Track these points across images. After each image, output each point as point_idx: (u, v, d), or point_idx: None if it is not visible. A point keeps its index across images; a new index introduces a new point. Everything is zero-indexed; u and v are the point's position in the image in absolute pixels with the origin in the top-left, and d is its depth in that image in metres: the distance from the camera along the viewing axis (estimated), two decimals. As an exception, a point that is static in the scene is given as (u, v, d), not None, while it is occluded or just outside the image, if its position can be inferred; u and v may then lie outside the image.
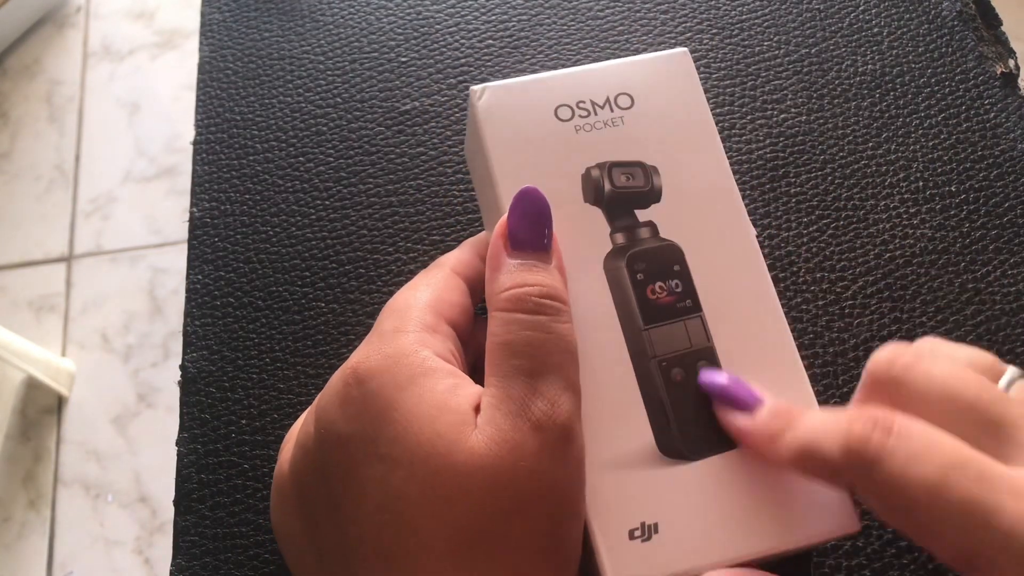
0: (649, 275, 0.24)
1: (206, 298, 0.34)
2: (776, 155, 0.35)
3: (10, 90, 1.26)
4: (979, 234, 0.33)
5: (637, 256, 0.24)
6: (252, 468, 0.30)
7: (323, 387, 0.31)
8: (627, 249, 0.24)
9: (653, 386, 0.23)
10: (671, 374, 0.23)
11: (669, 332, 0.24)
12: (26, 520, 1.00)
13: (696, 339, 0.24)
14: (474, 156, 0.27)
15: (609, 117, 0.26)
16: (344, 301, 0.33)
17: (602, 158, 0.25)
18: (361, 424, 0.21)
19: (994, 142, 0.35)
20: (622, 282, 0.24)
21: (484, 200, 0.27)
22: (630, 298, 0.24)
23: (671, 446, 0.23)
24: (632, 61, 0.27)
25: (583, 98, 0.26)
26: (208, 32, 0.40)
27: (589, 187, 0.25)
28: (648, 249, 0.24)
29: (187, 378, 0.32)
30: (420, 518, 0.19)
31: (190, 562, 0.29)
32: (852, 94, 0.36)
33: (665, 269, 0.24)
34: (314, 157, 0.36)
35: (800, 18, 0.38)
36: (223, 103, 0.38)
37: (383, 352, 0.22)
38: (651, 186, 0.25)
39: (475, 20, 0.39)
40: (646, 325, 0.24)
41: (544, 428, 0.20)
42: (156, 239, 1.14)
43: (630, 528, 0.22)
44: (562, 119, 0.26)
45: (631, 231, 0.25)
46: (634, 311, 0.24)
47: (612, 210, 0.25)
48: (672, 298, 0.24)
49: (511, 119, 0.26)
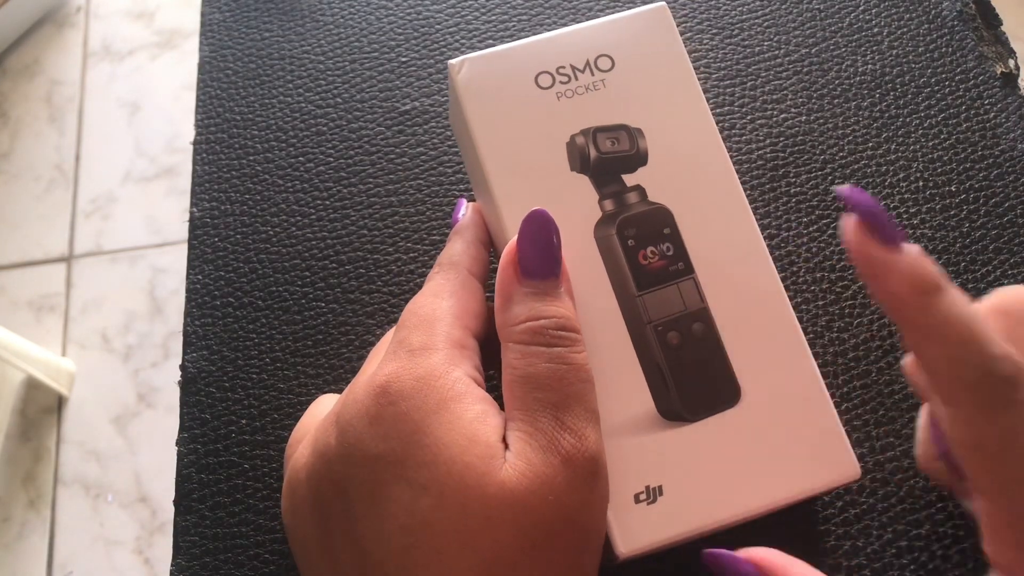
0: (640, 240, 0.24)
1: (206, 298, 0.34)
2: (776, 155, 0.35)
3: (10, 90, 1.26)
4: (979, 234, 0.33)
5: (627, 222, 0.24)
6: (252, 468, 0.30)
7: (323, 387, 0.32)
8: (616, 216, 0.24)
9: (649, 351, 0.23)
10: (667, 338, 0.23)
11: (663, 296, 0.24)
12: (26, 520, 1.00)
13: (690, 301, 0.24)
14: (458, 128, 0.27)
15: (590, 81, 0.26)
16: (344, 301, 0.33)
17: (586, 124, 0.25)
18: (390, 445, 0.21)
19: (994, 142, 0.35)
20: (613, 249, 0.24)
21: (471, 170, 0.27)
22: (622, 265, 0.24)
23: (670, 409, 0.23)
24: (610, 20, 0.27)
25: (563, 63, 0.26)
26: (208, 32, 0.40)
27: (575, 155, 0.25)
28: (637, 214, 0.24)
29: (187, 378, 0.32)
30: (447, 545, 0.20)
31: (190, 562, 0.29)
32: (852, 94, 0.36)
33: (655, 233, 0.24)
34: (314, 157, 0.36)
35: (800, 18, 0.38)
36: (223, 103, 0.38)
37: (414, 373, 0.22)
38: (637, 149, 0.25)
39: (475, 20, 0.39)
40: (639, 291, 0.24)
41: (574, 462, 0.20)
42: (156, 239, 1.14)
43: (635, 492, 0.22)
44: (543, 87, 0.25)
45: (619, 197, 0.24)
46: (627, 278, 0.24)
47: (599, 176, 0.25)
48: (664, 262, 0.24)
49: (492, 91, 0.25)
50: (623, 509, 0.22)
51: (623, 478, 0.22)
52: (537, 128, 0.25)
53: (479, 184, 0.26)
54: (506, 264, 0.23)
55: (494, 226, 0.26)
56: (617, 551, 0.22)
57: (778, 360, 0.24)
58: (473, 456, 0.20)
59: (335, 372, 0.32)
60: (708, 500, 0.22)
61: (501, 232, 0.24)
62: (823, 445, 0.23)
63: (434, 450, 0.20)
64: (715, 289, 0.24)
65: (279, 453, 0.31)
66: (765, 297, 0.24)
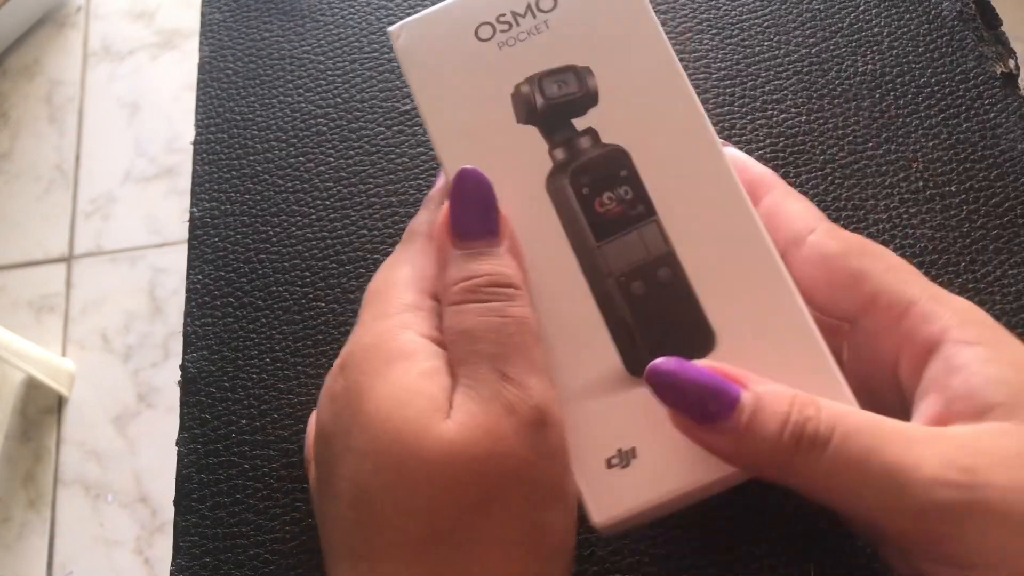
0: (595, 187, 0.23)
1: (206, 298, 0.34)
2: (776, 155, 0.35)
3: (10, 90, 1.26)
4: (979, 234, 0.33)
5: (579, 169, 0.23)
6: (252, 468, 0.30)
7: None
8: (567, 164, 0.23)
9: (614, 305, 0.22)
10: (631, 288, 0.22)
11: (623, 244, 0.22)
12: (26, 520, 1.00)
13: (653, 246, 0.22)
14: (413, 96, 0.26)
15: (532, 24, 0.24)
16: (344, 301, 0.33)
17: (531, 71, 0.24)
18: (340, 418, 0.20)
19: (994, 142, 0.35)
20: (567, 201, 0.23)
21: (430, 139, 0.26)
22: (578, 216, 0.22)
23: (639, 365, 0.21)
24: None
25: (502, 11, 0.24)
26: (208, 32, 0.40)
27: (521, 105, 0.23)
28: (590, 159, 0.23)
29: (187, 378, 0.32)
30: (385, 513, 0.19)
31: (190, 562, 0.29)
32: (852, 94, 0.36)
33: (611, 177, 0.23)
34: (314, 157, 0.36)
35: (800, 18, 0.38)
36: (223, 103, 0.38)
37: (363, 342, 0.21)
38: (585, 90, 0.23)
39: (475, 20, 0.39)
40: (598, 241, 0.22)
41: (517, 412, 0.19)
42: (156, 239, 1.14)
43: (606, 457, 0.21)
44: (483, 39, 0.24)
45: (570, 143, 0.23)
46: (584, 229, 0.22)
47: (548, 124, 0.23)
48: (622, 207, 0.22)
49: (432, 53, 0.24)
50: (595, 476, 0.20)
51: (593, 443, 0.21)
52: (481, 84, 0.24)
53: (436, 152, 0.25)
54: (440, 229, 0.22)
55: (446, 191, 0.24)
56: (592, 521, 0.20)
57: (756, 299, 0.22)
58: (413, 409, 0.19)
59: (335, 372, 0.32)
60: (687, 461, 0.20)
61: None
62: (814, 388, 0.20)
63: (373, 411, 0.19)
64: (682, 230, 0.22)
65: (279, 453, 0.31)
66: (739, 233, 0.22)
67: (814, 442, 0.18)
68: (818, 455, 0.18)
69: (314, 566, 0.29)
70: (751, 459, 0.19)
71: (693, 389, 0.20)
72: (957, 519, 0.18)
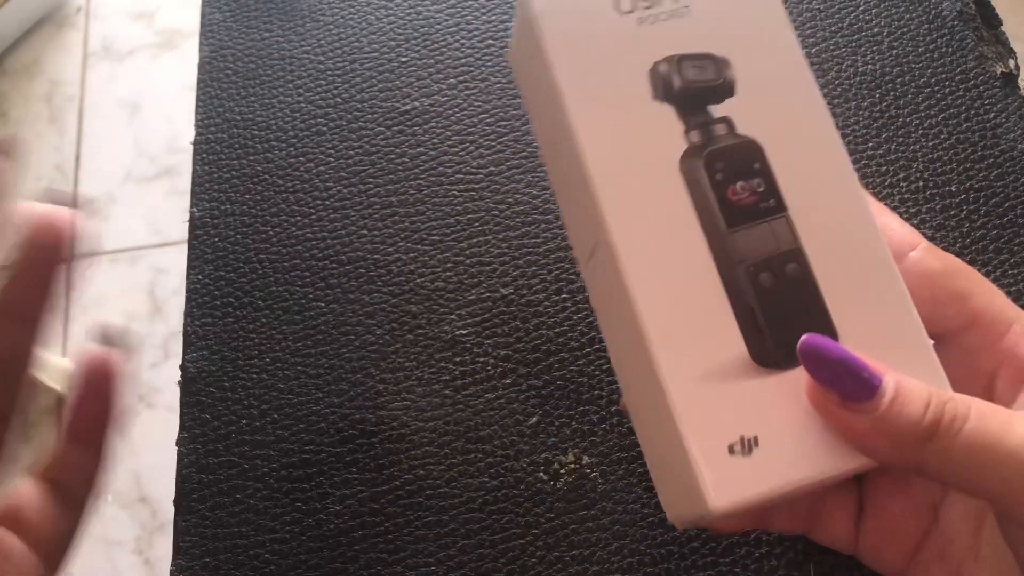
0: (729, 174, 0.23)
1: (206, 298, 0.34)
2: (776, 155, 0.35)
3: (10, 90, 1.26)
4: (979, 234, 0.33)
5: (715, 155, 0.23)
6: (252, 468, 0.30)
7: (323, 387, 0.32)
8: (703, 147, 0.23)
9: (741, 293, 0.22)
10: (759, 279, 0.22)
11: (754, 234, 0.22)
12: (26, 520, 1.00)
13: (783, 241, 0.22)
14: (528, 60, 0.25)
15: (673, 7, 0.24)
16: (344, 301, 0.33)
17: (669, 51, 0.23)
18: None
19: (994, 142, 0.34)
20: (701, 183, 0.22)
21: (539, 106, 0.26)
22: (710, 200, 0.22)
23: (765, 355, 0.21)
24: None
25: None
26: (208, 32, 0.40)
27: (658, 83, 0.23)
28: (726, 147, 0.23)
29: (187, 378, 0.32)
30: None
31: (190, 562, 0.29)
32: (852, 94, 0.36)
33: (745, 167, 0.23)
34: (314, 157, 0.36)
35: (800, 18, 0.38)
36: (223, 103, 0.38)
37: None
38: (723, 79, 0.23)
39: (475, 20, 0.39)
40: (730, 228, 0.22)
41: None
42: (156, 239, 1.14)
43: (729, 443, 0.21)
44: (623, 11, 0.24)
45: (706, 128, 0.23)
46: (716, 213, 0.22)
47: (684, 106, 0.23)
48: (755, 198, 0.23)
49: (569, 17, 0.24)
50: (717, 461, 0.20)
51: (715, 428, 0.21)
52: (618, 56, 0.23)
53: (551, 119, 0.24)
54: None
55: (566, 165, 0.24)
56: (711, 505, 0.20)
57: (875, 304, 0.22)
58: None
59: (335, 372, 0.32)
60: (807, 453, 0.21)
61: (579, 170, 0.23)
62: None
63: None
64: (808, 228, 0.22)
65: (279, 453, 0.31)
66: (860, 237, 0.23)
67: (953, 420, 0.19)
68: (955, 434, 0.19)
69: (314, 566, 0.29)
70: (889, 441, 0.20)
71: (843, 367, 0.20)
72: None
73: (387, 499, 0.30)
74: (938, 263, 0.24)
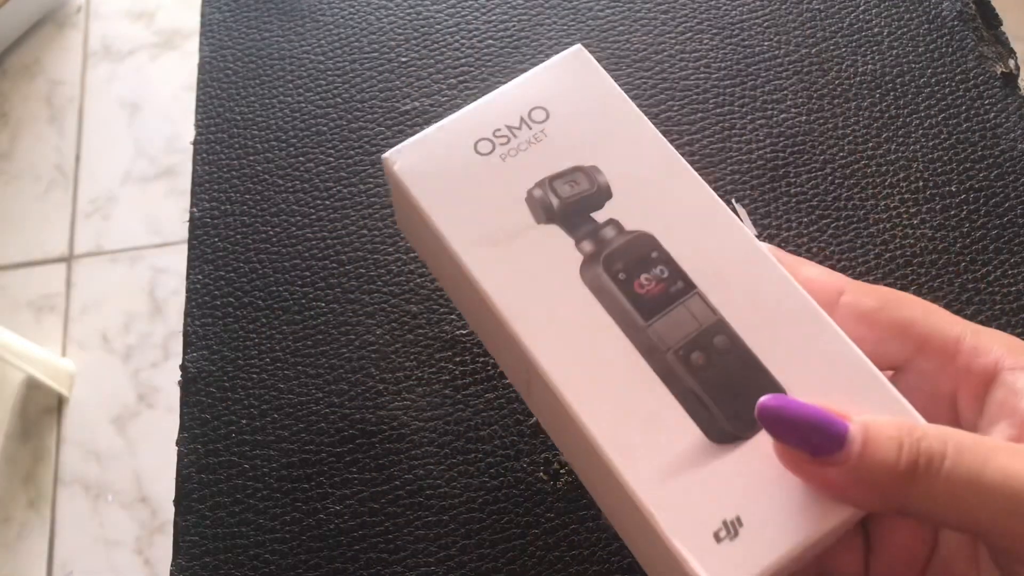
0: (630, 271, 0.23)
1: (206, 298, 0.34)
2: (776, 155, 0.35)
3: (10, 90, 1.26)
4: (979, 234, 0.33)
5: (612, 256, 0.23)
6: (252, 468, 0.30)
7: (323, 387, 0.32)
8: (599, 253, 0.23)
9: (679, 379, 0.22)
10: (691, 360, 0.22)
11: (673, 319, 0.23)
12: (26, 520, 1.00)
13: (702, 317, 0.23)
14: (412, 224, 0.26)
15: (530, 135, 0.25)
16: (344, 301, 0.33)
17: (538, 176, 0.25)
18: None
19: (994, 142, 0.34)
20: (606, 287, 0.23)
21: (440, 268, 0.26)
22: (620, 300, 0.23)
23: (720, 432, 0.21)
24: (531, 75, 0.26)
25: (497, 126, 0.25)
26: (208, 32, 0.40)
27: (537, 208, 0.24)
28: (620, 246, 0.24)
29: (187, 378, 0.32)
30: None
31: (190, 562, 0.29)
32: (852, 94, 0.36)
33: (644, 259, 0.23)
34: (314, 157, 0.36)
35: (800, 18, 0.38)
36: (223, 103, 0.38)
37: None
38: (597, 185, 0.24)
39: (475, 20, 0.39)
40: (647, 321, 0.23)
41: None
42: (156, 239, 1.14)
43: (714, 531, 0.20)
44: (483, 153, 0.25)
45: (595, 235, 0.24)
46: (630, 311, 0.23)
47: (568, 222, 0.24)
48: (662, 285, 0.23)
49: (435, 171, 0.25)
50: (707, 553, 0.20)
51: (695, 520, 0.21)
52: (491, 194, 0.24)
53: (449, 272, 0.25)
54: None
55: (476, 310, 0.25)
56: None
57: (813, 351, 0.22)
58: None
59: (335, 372, 0.32)
60: (794, 517, 0.20)
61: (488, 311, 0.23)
62: None
63: None
64: (723, 298, 0.23)
65: (279, 453, 0.31)
66: (777, 293, 0.23)
67: (931, 460, 0.19)
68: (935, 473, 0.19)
69: (314, 566, 0.29)
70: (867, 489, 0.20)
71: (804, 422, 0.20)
72: None
73: (387, 499, 0.30)
74: (871, 300, 0.23)
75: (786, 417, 0.20)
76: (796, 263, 0.24)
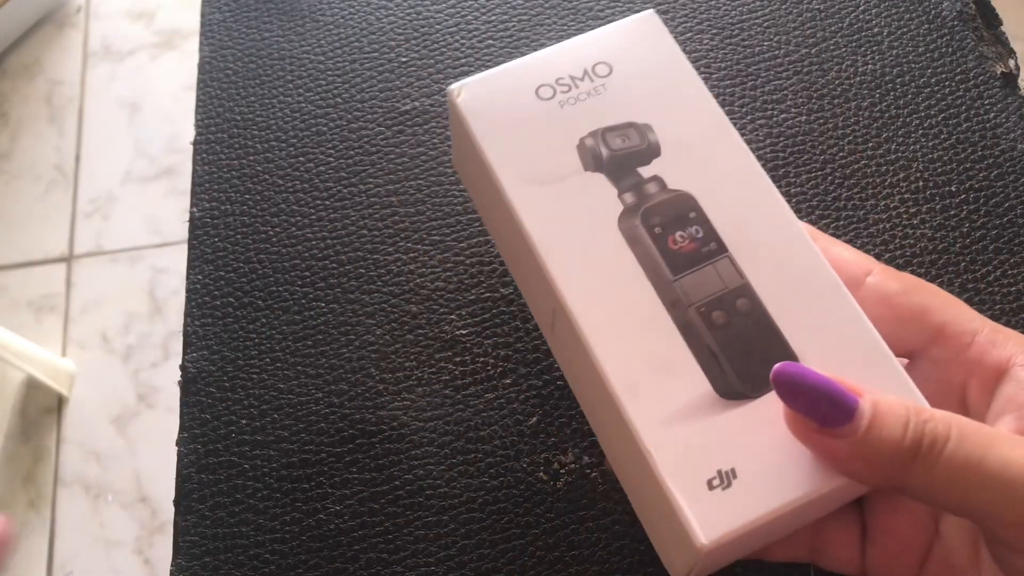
0: (667, 226, 0.24)
1: (206, 298, 0.34)
2: (776, 155, 0.35)
3: (10, 90, 1.26)
4: (979, 234, 0.33)
5: (650, 211, 0.24)
6: (252, 468, 0.30)
7: (323, 387, 0.32)
8: (639, 206, 0.24)
9: (697, 333, 0.23)
10: (712, 317, 0.23)
11: (700, 277, 0.24)
12: (26, 520, 1.00)
13: (729, 279, 0.24)
14: (466, 158, 0.27)
15: (591, 87, 0.26)
16: (344, 301, 0.33)
17: (593, 127, 0.26)
18: None
19: (994, 142, 0.34)
20: (641, 238, 0.24)
21: (482, 193, 0.27)
22: (653, 252, 0.24)
23: (729, 388, 0.22)
24: (602, 31, 0.27)
25: (561, 75, 0.26)
26: (208, 32, 0.40)
27: (587, 156, 0.25)
28: (660, 202, 0.24)
29: (187, 378, 0.32)
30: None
31: (190, 562, 0.29)
32: (852, 94, 0.36)
33: (681, 218, 0.24)
34: (314, 157, 0.36)
35: (800, 18, 0.38)
36: (223, 103, 0.38)
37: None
38: (647, 143, 0.25)
39: (475, 20, 0.39)
40: (675, 275, 0.24)
41: None
42: (156, 239, 1.14)
43: (707, 479, 0.21)
44: (544, 98, 0.26)
45: (638, 188, 0.25)
46: (660, 264, 0.24)
47: (615, 173, 0.25)
48: (695, 244, 0.24)
49: (494, 109, 0.26)
50: (698, 498, 0.21)
51: (692, 466, 0.21)
52: (546, 137, 0.25)
53: (495, 207, 0.26)
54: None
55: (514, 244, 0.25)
56: (698, 543, 0.21)
57: (830, 325, 0.23)
58: None
59: (335, 372, 0.32)
60: (787, 476, 0.21)
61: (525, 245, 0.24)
62: None
63: None
64: (752, 264, 0.24)
65: (279, 453, 0.31)
66: (803, 264, 0.24)
67: (934, 442, 0.19)
68: (937, 455, 0.19)
69: (314, 566, 0.29)
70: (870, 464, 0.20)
71: (816, 392, 0.20)
72: None
73: (387, 499, 0.30)
74: (895, 283, 0.24)
75: (801, 384, 0.20)
76: (829, 242, 0.25)
